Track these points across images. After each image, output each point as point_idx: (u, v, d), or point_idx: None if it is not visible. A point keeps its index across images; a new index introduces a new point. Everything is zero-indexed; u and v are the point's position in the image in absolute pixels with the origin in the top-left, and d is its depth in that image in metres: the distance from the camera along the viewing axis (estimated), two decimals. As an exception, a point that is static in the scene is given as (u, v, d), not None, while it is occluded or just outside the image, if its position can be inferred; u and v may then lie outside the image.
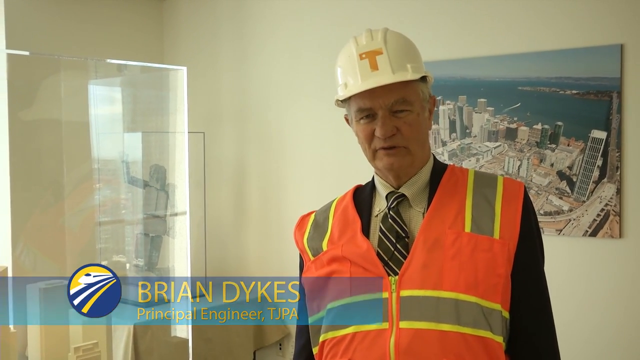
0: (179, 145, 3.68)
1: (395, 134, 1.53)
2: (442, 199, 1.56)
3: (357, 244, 1.58)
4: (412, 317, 1.46)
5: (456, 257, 1.48)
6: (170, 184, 3.80)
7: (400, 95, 1.52)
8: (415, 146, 1.55)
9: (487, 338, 1.45)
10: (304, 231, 1.75)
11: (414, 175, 1.59)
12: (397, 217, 1.57)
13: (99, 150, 3.70)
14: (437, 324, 1.44)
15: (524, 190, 1.56)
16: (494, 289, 1.46)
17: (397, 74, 1.51)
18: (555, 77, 3.09)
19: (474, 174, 1.61)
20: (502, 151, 3.26)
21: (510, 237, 1.50)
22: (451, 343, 1.44)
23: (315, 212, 1.79)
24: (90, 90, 3.59)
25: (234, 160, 4.34)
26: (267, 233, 4.21)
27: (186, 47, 4.57)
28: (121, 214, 3.85)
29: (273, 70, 4.15)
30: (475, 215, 1.52)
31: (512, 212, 1.52)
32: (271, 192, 4.19)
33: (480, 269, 1.47)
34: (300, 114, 4.05)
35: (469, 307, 1.45)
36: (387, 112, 1.52)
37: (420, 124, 1.55)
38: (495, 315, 1.46)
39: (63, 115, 3.50)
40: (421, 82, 1.56)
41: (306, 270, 1.70)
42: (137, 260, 3.83)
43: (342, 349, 1.54)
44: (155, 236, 3.80)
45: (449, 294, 1.45)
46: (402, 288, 1.49)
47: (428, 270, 1.48)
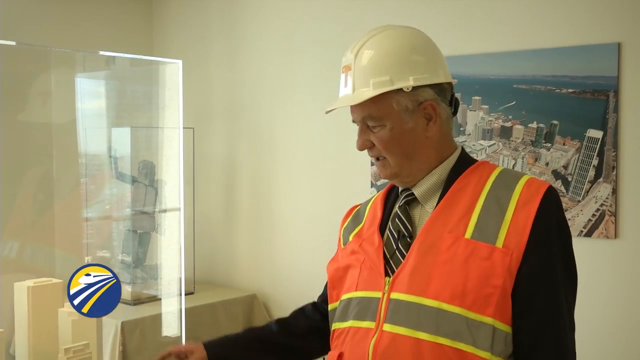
0: (169, 140, 3.63)
1: (372, 146, 1.53)
2: (451, 200, 1.49)
3: (373, 240, 1.58)
4: (395, 321, 1.43)
5: (447, 264, 1.40)
6: (159, 180, 3.75)
7: (366, 112, 1.50)
8: (394, 158, 1.52)
9: (467, 352, 1.36)
10: (345, 221, 1.77)
11: (426, 175, 1.55)
12: (403, 215, 1.54)
13: (86, 145, 3.64)
14: (414, 331, 1.39)
15: (543, 193, 1.43)
16: (486, 300, 1.37)
17: (356, 91, 1.49)
18: (551, 75, 3.06)
19: (497, 174, 1.52)
20: (496, 150, 3.23)
21: (515, 247, 1.38)
22: (425, 353, 1.37)
23: (362, 204, 1.80)
24: (77, 84, 3.53)
25: (224, 157, 4.29)
26: (258, 230, 4.16)
27: (176, 41, 4.51)
28: (109, 210, 3.79)
29: (265, 66, 4.10)
30: (481, 220, 1.43)
31: (523, 218, 1.40)
32: (262, 189, 4.14)
33: (472, 278, 1.38)
34: (292, 111, 4.00)
35: (451, 318, 1.37)
36: (363, 126, 1.53)
37: (397, 136, 1.50)
38: (483, 329, 1.37)
39: (51, 109, 3.43)
40: (398, 94, 1.48)
41: (334, 257, 1.74)
42: (123, 256, 3.77)
43: (340, 342, 1.55)
44: (143, 233, 3.74)
45: (431, 302, 1.39)
46: (393, 290, 1.45)
47: (417, 275, 1.43)
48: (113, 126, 3.72)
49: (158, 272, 3.77)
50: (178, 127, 3.40)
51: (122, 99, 3.81)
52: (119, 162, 3.69)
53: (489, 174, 1.52)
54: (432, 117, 1.52)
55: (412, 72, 1.49)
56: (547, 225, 1.41)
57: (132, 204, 3.69)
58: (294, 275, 3.96)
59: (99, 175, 3.71)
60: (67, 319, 2.01)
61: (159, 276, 3.75)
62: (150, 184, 3.72)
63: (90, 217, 3.70)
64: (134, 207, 3.70)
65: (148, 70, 3.79)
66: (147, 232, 3.75)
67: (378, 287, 1.49)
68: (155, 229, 3.77)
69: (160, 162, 3.74)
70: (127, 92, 3.82)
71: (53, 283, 2.13)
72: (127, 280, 3.63)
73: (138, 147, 3.74)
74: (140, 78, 3.77)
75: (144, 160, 3.72)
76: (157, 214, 3.75)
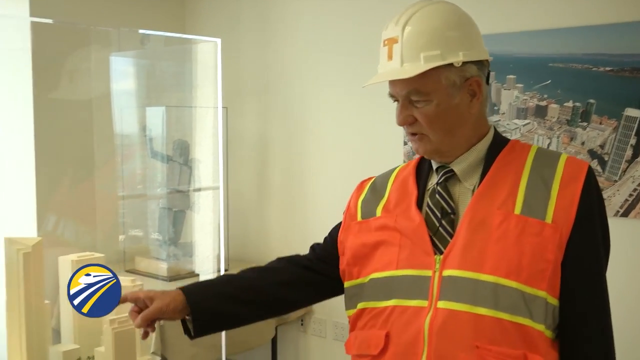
0: (203, 119, 3.66)
1: (414, 122, 1.51)
2: (494, 177, 1.50)
3: (411, 217, 1.56)
4: (450, 297, 1.43)
5: (501, 240, 1.43)
6: (193, 159, 3.78)
7: (413, 87, 1.48)
8: (436, 135, 1.51)
9: (525, 325, 1.40)
10: (361, 192, 1.74)
11: (465, 152, 1.55)
12: (444, 192, 1.54)
13: (122, 124, 3.68)
14: (473, 306, 1.41)
15: (586, 172, 1.48)
16: (540, 275, 1.41)
17: (405, 64, 1.47)
18: (588, 54, 3.03)
19: (535, 152, 1.54)
20: (531, 129, 3.22)
21: (564, 222, 1.43)
22: (485, 327, 1.40)
23: (376, 177, 1.77)
24: (112, 63, 3.56)
25: (256, 135, 4.32)
26: (290, 208, 4.19)
27: (209, 19, 4.53)
28: (143, 189, 3.84)
29: (297, 44, 4.11)
30: (528, 196, 1.46)
31: (569, 195, 1.44)
32: (294, 167, 4.17)
33: (527, 253, 1.41)
34: (324, 90, 4.01)
35: (508, 292, 1.40)
36: (405, 101, 1.51)
37: (442, 113, 1.49)
38: (538, 302, 1.41)
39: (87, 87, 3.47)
40: (447, 69, 1.48)
41: (346, 228, 1.70)
42: (157, 235, 3.82)
43: (381, 321, 1.53)
44: (177, 211, 3.78)
45: (488, 277, 1.41)
46: (445, 268, 1.46)
47: (470, 252, 1.44)
48: (147, 105, 3.75)
49: (193, 250, 3.81)
50: (213, 107, 3.42)
51: (156, 78, 3.84)
52: (154, 141, 3.73)
53: (527, 152, 1.54)
54: (475, 94, 1.53)
55: (461, 48, 1.50)
56: (590, 202, 1.45)
57: (166, 183, 3.73)
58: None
59: (133, 154, 3.75)
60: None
61: (194, 253, 3.80)
62: (185, 163, 3.75)
63: (126, 195, 3.75)
64: (168, 186, 3.74)
65: (181, 49, 3.81)
66: (181, 210, 3.79)
67: (426, 266, 1.48)
68: (190, 207, 3.81)
69: (194, 141, 3.77)
70: (162, 71, 3.85)
71: (95, 257, 2.16)
72: (163, 257, 3.68)
73: (172, 126, 3.77)
74: (174, 57, 3.79)
75: (179, 139, 3.75)
76: (191, 192, 3.79)
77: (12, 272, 1.92)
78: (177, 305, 1.64)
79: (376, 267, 1.58)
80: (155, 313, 1.63)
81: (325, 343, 4.12)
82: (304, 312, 4.13)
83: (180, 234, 3.80)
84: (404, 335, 1.47)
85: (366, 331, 1.57)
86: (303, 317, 4.17)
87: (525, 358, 1.39)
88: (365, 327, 1.58)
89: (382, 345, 1.50)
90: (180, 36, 3.71)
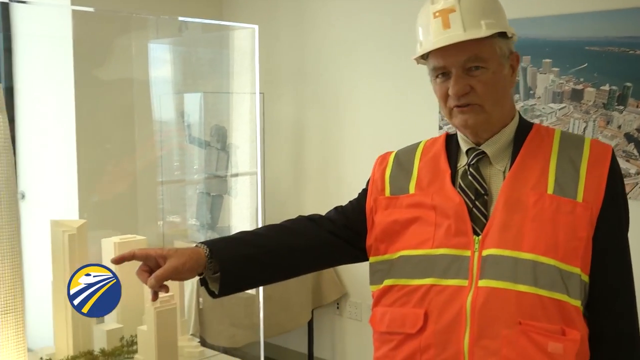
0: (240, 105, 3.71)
1: (469, 92, 1.52)
2: (525, 159, 1.54)
3: (448, 195, 1.57)
4: (491, 276, 1.46)
5: (537, 219, 1.47)
6: (230, 144, 3.84)
7: (473, 53, 1.50)
8: (490, 104, 1.53)
9: (563, 301, 1.44)
10: (385, 166, 1.75)
11: (496, 133, 1.58)
12: (477, 174, 1.57)
13: (160, 110, 3.75)
14: (514, 284, 1.44)
15: (611, 154, 1.54)
16: (574, 252, 1.45)
17: (468, 31, 1.49)
18: (624, 37, 3.01)
19: (560, 134, 1.59)
20: (567, 113, 3.21)
21: (594, 201, 1.48)
22: (527, 304, 1.43)
23: (396, 151, 1.78)
24: (151, 50, 3.62)
25: (292, 121, 4.36)
26: (325, 193, 4.24)
27: (246, 6, 4.57)
28: (182, 174, 3.91)
29: (332, 30, 4.14)
30: (558, 177, 1.50)
31: (598, 175, 1.50)
32: (330, 152, 4.21)
33: (561, 231, 1.45)
34: (358, 74, 4.04)
35: (547, 270, 1.44)
36: (460, 71, 1.51)
37: (497, 81, 1.53)
38: (573, 279, 1.45)
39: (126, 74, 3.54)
40: (499, 39, 1.53)
41: (373, 199, 1.70)
42: (195, 219, 3.89)
43: (416, 299, 1.54)
44: (215, 195, 3.85)
45: (528, 255, 1.45)
46: (485, 247, 1.49)
47: (508, 231, 1.48)
48: (185, 92, 3.81)
49: (230, 234, 3.87)
50: (250, 92, 3.46)
51: (193, 65, 3.90)
52: (191, 127, 3.80)
53: (551, 134, 1.59)
54: (514, 69, 1.59)
55: (505, 21, 1.56)
56: (616, 183, 1.52)
57: (205, 168, 3.80)
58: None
59: (172, 139, 3.82)
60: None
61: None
62: (222, 148, 3.82)
63: (165, 180, 3.82)
64: (206, 171, 3.80)
65: (219, 36, 3.85)
66: (219, 194, 3.86)
67: (465, 246, 1.51)
68: (228, 192, 3.87)
69: (231, 126, 3.82)
70: (199, 57, 3.90)
71: (137, 239, 2.21)
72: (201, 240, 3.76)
73: (210, 112, 3.83)
74: (212, 44, 3.84)
75: (216, 125, 3.81)
76: (228, 177, 3.85)
77: (57, 253, 1.99)
78: (194, 265, 1.55)
79: (408, 245, 1.59)
80: (171, 272, 1.51)
81: (361, 326, 4.17)
82: (339, 296, 4.19)
83: (217, 218, 3.87)
84: (444, 314, 1.49)
85: (397, 309, 1.58)
86: (339, 300, 4.22)
87: (563, 333, 1.43)
88: (395, 304, 1.59)
89: (421, 324, 1.52)
90: (218, 23, 3.75)
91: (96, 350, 2.04)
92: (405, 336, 1.55)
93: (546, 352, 1.42)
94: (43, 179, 3.93)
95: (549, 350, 1.42)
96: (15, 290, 1.82)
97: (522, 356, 1.42)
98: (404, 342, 1.55)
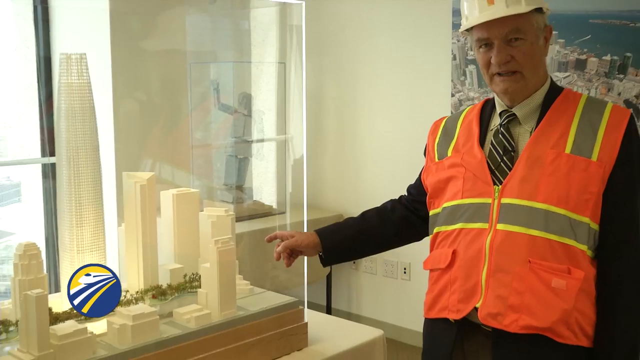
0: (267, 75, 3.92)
1: (510, 60, 1.75)
2: (550, 121, 1.77)
3: (474, 154, 1.84)
4: (508, 221, 1.72)
5: (553, 175, 1.70)
6: (257, 110, 4.10)
7: (514, 26, 1.73)
8: (528, 71, 1.76)
9: (570, 245, 1.68)
10: (435, 136, 2.02)
11: (527, 97, 1.80)
12: (507, 133, 1.81)
13: (191, 78, 3.98)
14: (528, 229, 1.70)
15: (628, 119, 1.73)
16: (585, 204, 1.68)
17: (510, 7, 1.71)
18: (626, 10, 3.26)
19: (585, 100, 1.80)
20: (571, 81, 3.47)
21: (607, 161, 1.68)
22: (537, 246, 1.69)
23: (447, 118, 2.04)
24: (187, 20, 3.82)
25: (311, 90, 4.60)
26: (343, 157, 4.52)
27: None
28: (212, 138, 4.17)
29: (352, 2, 4.35)
30: (577, 137, 1.72)
31: (613, 138, 1.70)
32: (346, 119, 4.47)
33: (574, 186, 1.68)
34: (376, 47, 4.28)
35: (557, 218, 1.68)
36: (502, 42, 1.74)
37: (534, 51, 1.75)
38: (582, 227, 1.69)
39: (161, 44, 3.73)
40: (536, 13, 1.74)
41: (427, 169, 2.01)
42: (224, 181, 4.16)
43: (450, 241, 1.85)
44: (242, 158, 4.12)
45: (541, 205, 1.69)
46: (503, 196, 1.74)
47: (526, 183, 1.72)
48: (216, 61, 4.05)
49: (256, 194, 4.15)
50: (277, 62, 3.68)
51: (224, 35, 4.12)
52: (221, 93, 4.05)
53: (578, 100, 1.81)
54: (547, 40, 1.81)
55: None
56: (630, 145, 1.72)
57: (233, 132, 4.06)
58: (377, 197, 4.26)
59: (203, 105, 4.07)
60: (206, 221, 2.32)
61: (258, 197, 4.14)
62: (249, 114, 4.08)
63: (196, 144, 4.07)
64: (234, 135, 4.07)
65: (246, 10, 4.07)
66: (246, 157, 4.12)
67: (487, 194, 1.78)
68: (254, 155, 4.14)
69: (258, 94, 4.06)
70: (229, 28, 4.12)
71: (192, 192, 2.45)
72: (230, 200, 4.04)
73: (238, 80, 4.07)
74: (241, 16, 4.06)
75: (243, 92, 4.07)
76: (255, 141, 4.12)
77: (130, 202, 2.24)
78: (309, 243, 2.11)
79: (447, 198, 1.88)
80: (293, 243, 2.10)
81: (375, 279, 4.46)
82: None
83: (244, 179, 4.15)
84: (468, 251, 1.78)
85: (439, 250, 1.89)
86: (355, 256, 4.50)
87: (569, 271, 1.69)
88: (439, 247, 1.90)
89: (449, 261, 1.83)
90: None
91: (163, 285, 2.29)
92: (440, 271, 1.87)
93: (550, 287, 1.67)
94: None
95: (552, 285, 1.67)
96: (97, 231, 2.08)
97: (528, 289, 1.69)
98: (440, 276, 1.87)
